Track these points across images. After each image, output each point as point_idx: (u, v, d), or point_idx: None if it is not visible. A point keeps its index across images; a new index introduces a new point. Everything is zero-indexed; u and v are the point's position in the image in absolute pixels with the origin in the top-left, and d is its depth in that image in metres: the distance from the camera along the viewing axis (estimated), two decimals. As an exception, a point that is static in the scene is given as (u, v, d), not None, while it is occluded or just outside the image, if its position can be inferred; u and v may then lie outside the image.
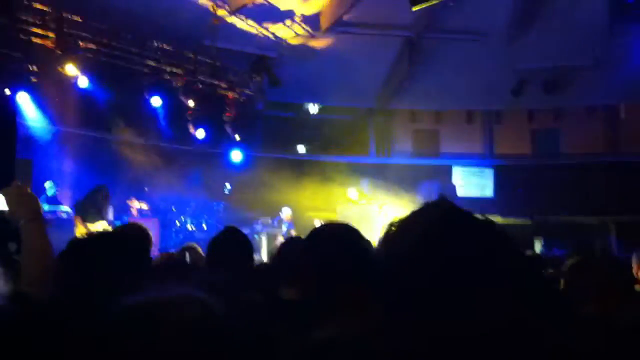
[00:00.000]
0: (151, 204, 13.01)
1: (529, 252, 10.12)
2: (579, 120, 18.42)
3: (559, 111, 18.58)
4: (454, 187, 16.84)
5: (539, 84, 16.95)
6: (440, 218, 1.36)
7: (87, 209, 9.17)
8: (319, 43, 15.35)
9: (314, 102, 17.93)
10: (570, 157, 18.44)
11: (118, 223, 10.89)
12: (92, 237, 2.45)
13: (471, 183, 18.84)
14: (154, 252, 11.60)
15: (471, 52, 15.52)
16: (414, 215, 1.43)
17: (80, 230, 9.02)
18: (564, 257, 7.43)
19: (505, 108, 18.82)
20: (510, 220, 17.46)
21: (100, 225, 9.16)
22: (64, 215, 10.70)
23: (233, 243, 3.58)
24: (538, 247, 15.74)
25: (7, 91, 10.75)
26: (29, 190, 2.49)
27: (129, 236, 2.95)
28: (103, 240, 2.32)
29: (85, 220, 9.17)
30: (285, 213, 14.31)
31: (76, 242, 2.33)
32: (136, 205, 12.60)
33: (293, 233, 13.67)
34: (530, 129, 19.25)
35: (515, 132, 19.25)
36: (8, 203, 2.40)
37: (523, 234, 16.00)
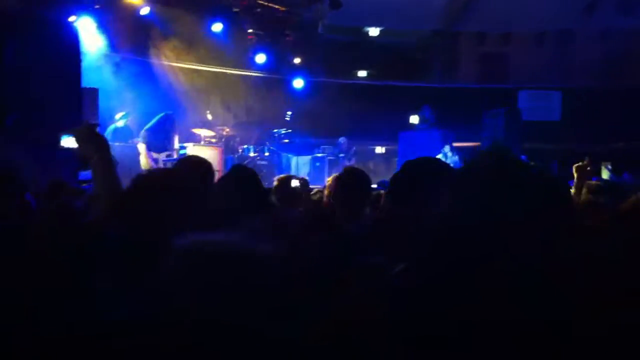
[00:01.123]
0: (215, 131, 13.09)
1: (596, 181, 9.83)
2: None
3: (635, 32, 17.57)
4: (519, 112, 16.36)
5: (613, 3, 16.01)
6: (492, 179, 1.35)
7: (153, 138, 9.23)
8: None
9: (375, 25, 17.45)
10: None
11: (183, 152, 11.05)
12: (153, 176, 2.46)
13: (537, 107, 18.26)
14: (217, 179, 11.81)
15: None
16: (466, 170, 1.46)
17: (144, 161, 9.12)
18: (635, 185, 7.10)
19: (577, 28, 17.89)
20: (575, 146, 17.04)
21: (165, 155, 9.25)
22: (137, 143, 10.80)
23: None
24: (606, 174, 15.26)
25: (72, 17, 10.78)
26: (97, 130, 2.60)
27: (189, 175, 2.93)
28: (163, 181, 2.35)
29: (150, 149, 9.25)
30: (343, 142, 14.23)
31: (140, 179, 2.35)
32: (203, 133, 12.71)
33: (348, 163, 13.66)
34: (603, 50, 18.30)
35: (587, 53, 18.35)
36: (78, 142, 2.55)
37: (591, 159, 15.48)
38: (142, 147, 9.22)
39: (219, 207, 3.08)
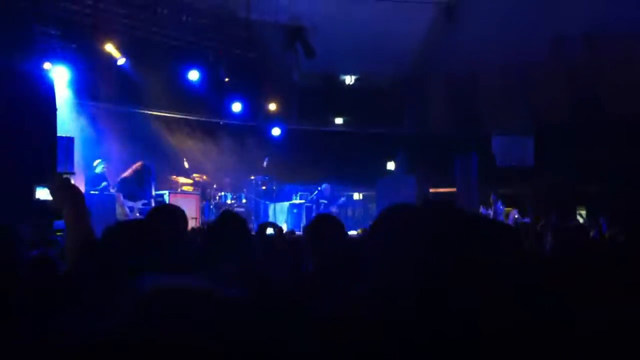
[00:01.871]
0: (192, 179, 13.08)
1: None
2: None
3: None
4: (492, 157, 16.63)
5: (580, 45, 16.40)
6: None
7: (128, 187, 9.18)
8: (354, 11, 15.13)
9: (349, 72, 17.73)
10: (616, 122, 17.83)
11: (160, 200, 11.01)
12: (123, 227, 2.46)
13: (510, 152, 18.50)
14: (196, 226, 11.75)
15: (509, 14, 15.17)
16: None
17: (119, 209, 9.06)
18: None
19: (545, 71, 18.22)
20: (551, 189, 17.22)
21: (141, 204, 9.18)
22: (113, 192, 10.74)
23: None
24: (581, 219, 15.41)
25: (48, 65, 10.81)
26: (72, 182, 2.62)
27: (163, 224, 2.93)
28: (136, 230, 2.36)
29: (126, 197, 9.19)
30: (325, 189, 14.25)
31: (111, 230, 2.36)
32: (180, 180, 12.68)
33: (333, 210, 13.68)
34: (571, 89, 18.61)
35: (556, 96, 18.66)
36: (52, 193, 2.53)
37: (566, 204, 15.74)
38: (118, 195, 9.16)
39: (202, 252, 3.09)
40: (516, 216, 13.81)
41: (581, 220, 14.54)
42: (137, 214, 8.98)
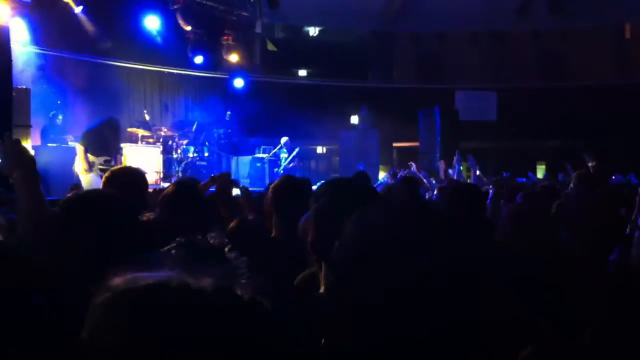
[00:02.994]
0: (153, 132, 12.85)
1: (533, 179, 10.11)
2: (586, 42, 18.01)
3: (566, 33, 18.14)
4: (455, 112, 16.70)
5: (544, 3, 16.41)
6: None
7: (94, 141, 8.92)
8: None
9: (314, 24, 17.49)
10: (577, 79, 18.12)
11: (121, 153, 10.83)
12: (84, 198, 2.38)
13: (474, 107, 18.62)
14: (157, 180, 11.62)
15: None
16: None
17: (80, 163, 8.83)
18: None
19: (510, 28, 18.30)
20: (512, 145, 17.48)
21: (103, 160, 8.96)
22: (71, 144, 10.48)
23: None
24: (540, 173, 15.67)
25: (1, 17, 10.40)
26: (21, 144, 2.39)
27: (122, 198, 2.82)
28: (96, 203, 2.26)
29: (88, 152, 8.94)
30: (286, 143, 14.16)
31: (68, 204, 2.26)
32: (140, 132, 12.45)
33: (294, 164, 13.69)
34: (536, 51, 18.83)
35: (521, 53, 18.82)
36: (1, 157, 2.35)
37: (526, 159, 15.98)
38: (79, 149, 8.87)
39: (164, 226, 3.01)
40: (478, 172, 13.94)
41: (540, 175, 14.81)
42: (97, 171, 8.76)
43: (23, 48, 11.46)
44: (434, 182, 7.54)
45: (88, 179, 8.52)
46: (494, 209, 4.55)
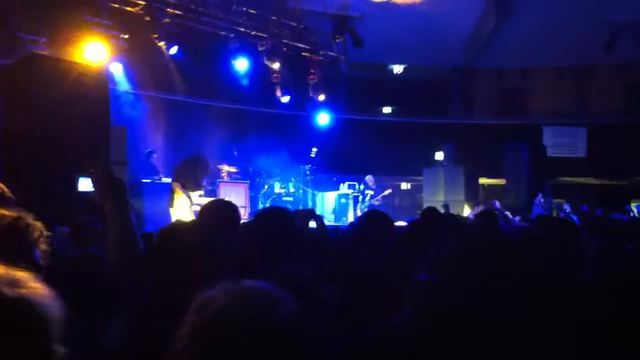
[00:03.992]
0: (240, 167, 13.19)
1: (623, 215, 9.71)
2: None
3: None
4: (543, 147, 16.36)
5: (632, 37, 15.95)
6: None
7: (185, 177, 9.23)
8: (403, 0, 15.01)
9: (397, 62, 17.61)
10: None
11: (210, 188, 11.15)
12: (178, 231, 2.40)
13: (562, 143, 18.13)
14: (245, 215, 11.86)
15: (561, 4, 14.82)
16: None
17: (179, 196, 9.10)
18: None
19: (597, 62, 17.83)
20: (604, 181, 16.84)
21: (197, 195, 9.24)
22: (161, 181, 10.88)
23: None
24: (634, 209, 15.04)
25: (102, 59, 11.01)
26: (114, 174, 2.44)
27: (217, 224, 2.86)
28: (190, 237, 2.29)
29: (184, 187, 9.24)
30: (369, 180, 14.21)
31: (163, 237, 2.32)
32: (226, 169, 12.81)
33: (376, 201, 13.67)
34: (624, 84, 18.21)
35: (608, 88, 18.25)
36: (95, 186, 2.40)
37: (618, 195, 15.37)
38: (176, 185, 9.20)
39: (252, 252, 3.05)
40: (567, 210, 13.57)
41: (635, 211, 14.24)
42: (195, 204, 9.04)
43: (120, 89, 12.09)
44: (517, 219, 7.36)
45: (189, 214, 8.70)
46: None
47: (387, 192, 13.99)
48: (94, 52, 10.71)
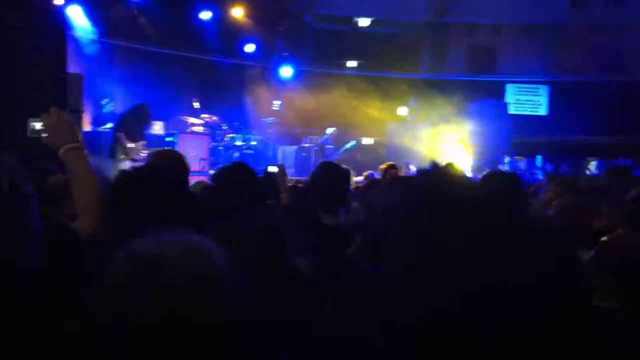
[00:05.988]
0: (202, 119, 13.03)
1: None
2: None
3: (620, 26, 17.53)
4: (505, 105, 16.44)
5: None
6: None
7: (130, 126, 9.09)
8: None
9: (365, 15, 17.37)
10: (634, 73, 17.46)
11: (169, 139, 11.01)
12: (137, 173, 2.42)
13: (524, 101, 18.29)
14: (205, 167, 11.76)
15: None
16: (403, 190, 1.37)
17: (122, 148, 8.96)
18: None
19: (565, 22, 17.80)
20: (563, 140, 17.06)
21: (141, 145, 9.12)
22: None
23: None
24: (593, 167, 15.30)
25: (59, 1, 10.64)
26: (67, 117, 2.37)
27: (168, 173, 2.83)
28: (146, 179, 2.33)
29: (128, 137, 9.10)
30: (331, 133, 14.17)
31: (123, 177, 2.34)
32: (190, 120, 12.66)
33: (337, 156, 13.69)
34: (591, 44, 18.25)
35: (575, 48, 18.28)
36: (46, 130, 2.32)
37: (577, 154, 15.60)
38: (121, 135, 9.04)
39: (215, 204, 3.03)
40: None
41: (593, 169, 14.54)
42: (137, 155, 8.90)
43: (78, 34, 11.73)
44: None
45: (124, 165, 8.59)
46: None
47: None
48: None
